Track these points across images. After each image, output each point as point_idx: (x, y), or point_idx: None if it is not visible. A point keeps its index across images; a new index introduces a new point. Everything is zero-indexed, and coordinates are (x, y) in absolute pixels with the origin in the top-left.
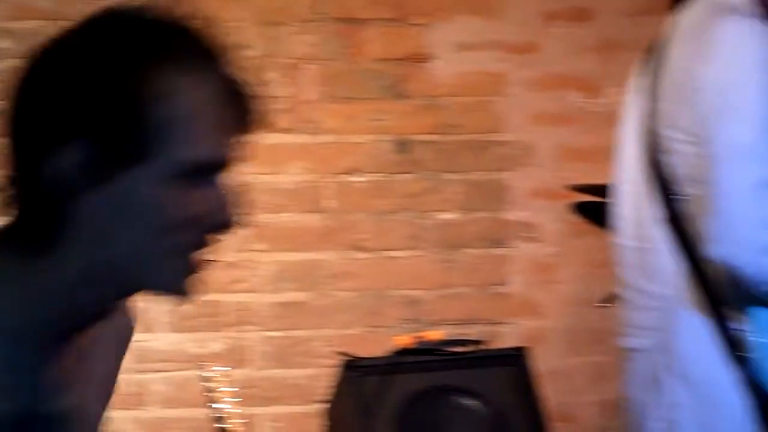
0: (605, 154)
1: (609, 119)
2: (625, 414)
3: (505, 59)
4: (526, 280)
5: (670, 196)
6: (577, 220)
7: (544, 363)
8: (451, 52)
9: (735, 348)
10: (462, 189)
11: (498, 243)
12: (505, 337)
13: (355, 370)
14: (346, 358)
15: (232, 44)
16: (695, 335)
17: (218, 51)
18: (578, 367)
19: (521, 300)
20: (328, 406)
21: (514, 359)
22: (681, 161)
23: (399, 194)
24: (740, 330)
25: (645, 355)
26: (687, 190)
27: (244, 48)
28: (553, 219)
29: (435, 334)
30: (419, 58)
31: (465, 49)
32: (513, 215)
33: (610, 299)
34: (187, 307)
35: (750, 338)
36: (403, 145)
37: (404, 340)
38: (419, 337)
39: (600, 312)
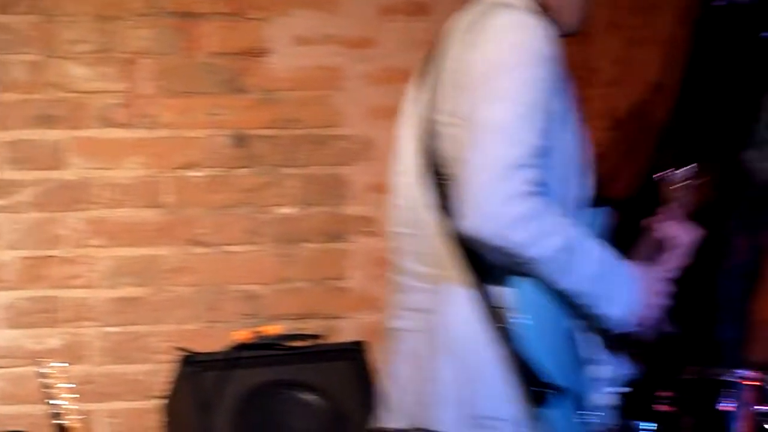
0: None
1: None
2: (390, 390)
3: (343, 53)
4: (364, 275)
5: (441, 182)
6: None
7: (379, 356)
8: (289, 47)
9: (499, 324)
10: (300, 183)
11: (336, 238)
12: (344, 332)
13: (193, 365)
14: (184, 353)
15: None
16: (461, 313)
17: None
18: None
19: (359, 294)
20: (166, 401)
21: (352, 353)
22: (450, 144)
23: (237, 189)
24: (503, 307)
25: (413, 334)
26: (453, 171)
27: (80, 42)
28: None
29: (273, 329)
30: (256, 53)
31: (302, 43)
32: (351, 210)
33: None
34: (24, 303)
35: (512, 315)
36: (240, 140)
37: (243, 335)
38: (258, 332)
39: None
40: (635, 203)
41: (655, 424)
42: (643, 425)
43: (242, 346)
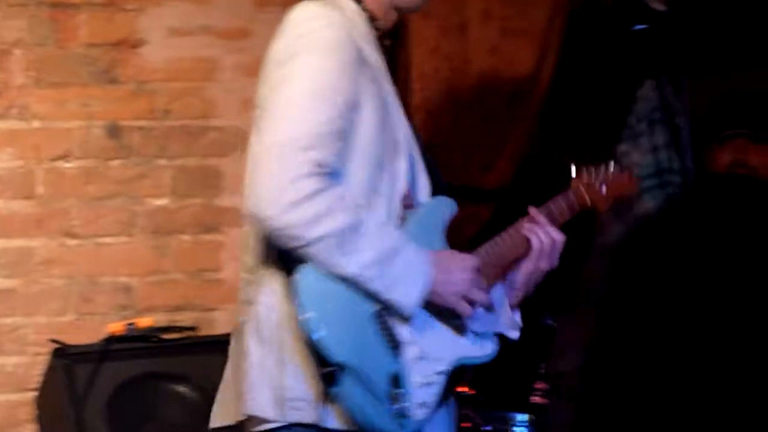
0: None
1: None
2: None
3: (217, 45)
4: (238, 265)
5: None
6: None
7: None
8: (163, 38)
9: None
10: (174, 175)
11: (211, 229)
12: (218, 324)
13: (66, 357)
14: (57, 345)
15: None
16: (269, 302)
17: None
18: None
19: (234, 286)
20: (39, 394)
21: (226, 346)
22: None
23: (111, 180)
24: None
25: (243, 326)
26: None
27: None
28: None
29: (146, 321)
30: (131, 44)
31: (177, 35)
32: (226, 201)
33: None
34: None
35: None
36: (114, 131)
37: (116, 327)
38: (131, 324)
39: None
40: (509, 193)
41: (529, 415)
42: (518, 416)
43: (115, 339)
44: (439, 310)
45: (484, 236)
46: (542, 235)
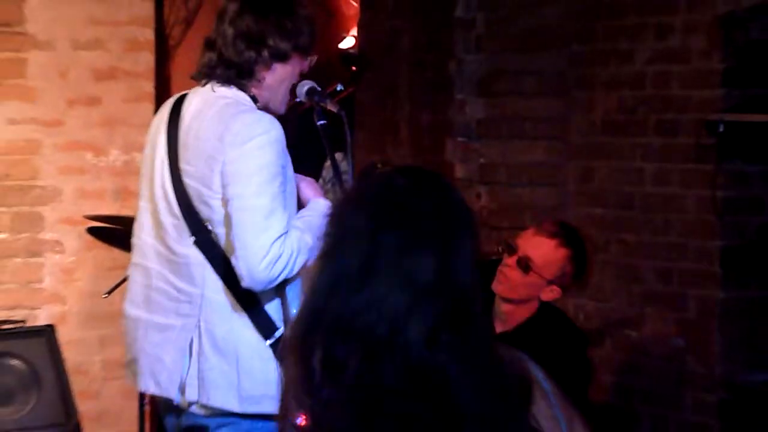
0: (109, 195)
1: (112, 171)
2: (160, 373)
3: (40, 131)
4: (55, 279)
5: (200, 227)
6: (90, 237)
7: (64, 335)
8: (3, 125)
9: (263, 327)
10: (12, 217)
11: (37, 254)
12: (40, 319)
13: None
14: None
15: None
16: (221, 314)
17: None
18: (92, 337)
19: (52, 293)
20: None
21: (46, 332)
22: (212, 209)
23: None
24: (268, 319)
25: (176, 330)
26: (217, 228)
27: None
28: (74, 237)
29: None
30: None
31: (13, 123)
32: (47, 236)
33: (112, 291)
34: None
35: (277, 318)
36: None
37: None
38: None
39: (106, 300)
40: None
41: None
42: None
43: None
44: None
45: None
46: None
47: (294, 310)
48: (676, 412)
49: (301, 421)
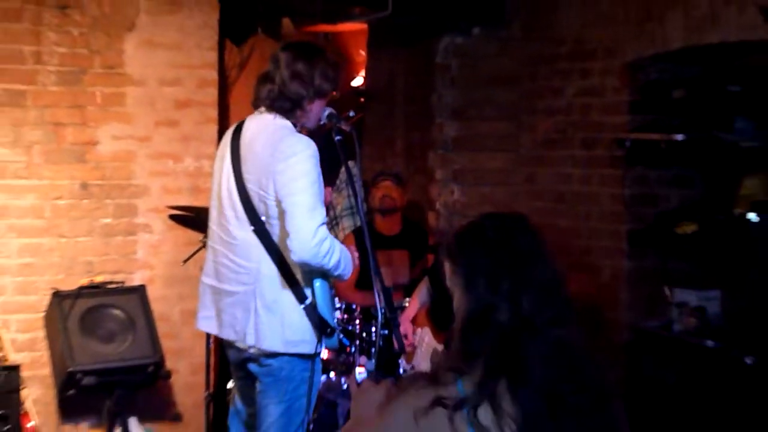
0: (184, 191)
1: (186, 173)
2: (235, 325)
3: (135, 144)
4: (145, 252)
5: (257, 219)
6: (171, 222)
7: (152, 292)
8: (108, 141)
9: (299, 295)
10: (114, 208)
11: (132, 234)
12: (135, 280)
13: (59, 296)
14: (55, 290)
15: None
16: (271, 284)
17: None
18: (172, 294)
19: (143, 262)
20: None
21: (139, 290)
22: (267, 206)
23: None
24: (302, 287)
25: (241, 294)
26: (271, 219)
27: None
28: (159, 222)
29: (95, 280)
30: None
31: (115, 139)
32: (140, 221)
33: (187, 260)
34: None
35: (307, 291)
36: None
37: (84, 281)
38: (90, 281)
39: (183, 266)
40: None
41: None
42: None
43: (84, 287)
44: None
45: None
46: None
47: (316, 289)
48: (596, 345)
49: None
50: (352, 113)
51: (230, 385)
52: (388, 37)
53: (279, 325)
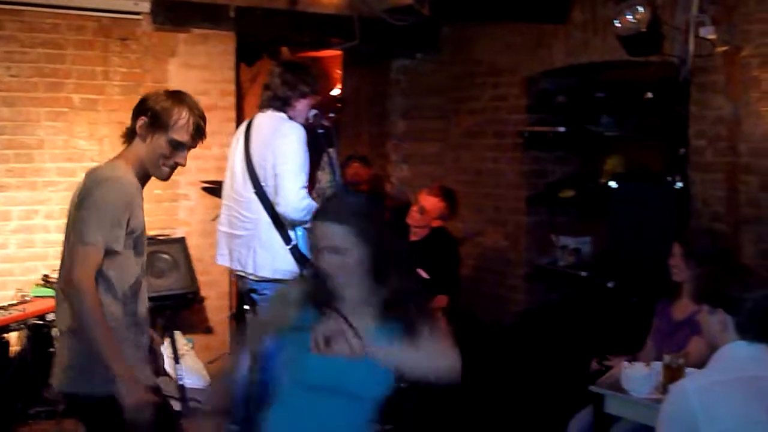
0: (211, 170)
1: (214, 157)
2: (240, 260)
3: None
4: (185, 213)
5: (258, 184)
6: (203, 192)
7: (190, 242)
8: None
9: (286, 238)
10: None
11: (175, 201)
12: (178, 233)
13: None
14: None
15: None
16: (266, 229)
17: None
18: (205, 242)
19: (184, 220)
20: None
21: (181, 240)
22: (266, 173)
23: None
24: (285, 231)
25: (245, 237)
26: (269, 182)
27: None
28: (195, 192)
29: (150, 234)
30: None
31: None
32: (181, 191)
33: (215, 218)
34: None
35: (292, 235)
36: None
37: None
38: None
39: (212, 223)
40: None
41: None
42: None
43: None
44: None
45: None
46: None
47: (299, 235)
48: (504, 278)
49: None
50: (331, 114)
51: (246, 307)
52: (356, 60)
53: (271, 258)
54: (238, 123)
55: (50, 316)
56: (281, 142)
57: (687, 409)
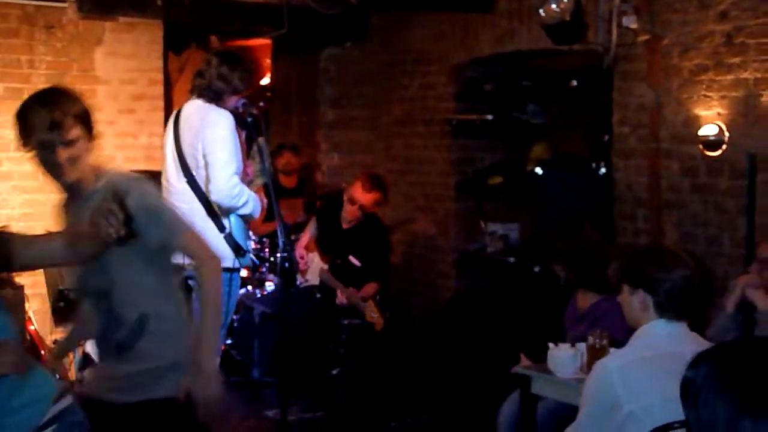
0: (140, 159)
1: (142, 147)
2: None
3: (104, 127)
4: None
5: (189, 173)
6: None
7: None
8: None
9: (219, 226)
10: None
11: None
12: None
13: None
14: None
15: None
16: (199, 217)
17: None
18: None
19: None
20: None
21: None
22: (197, 162)
23: None
24: (219, 219)
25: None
26: (200, 171)
27: None
28: None
29: None
30: None
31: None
32: None
33: None
34: None
35: (225, 223)
36: None
37: None
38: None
39: None
40: None
41: None
42: None
43: None
44: None
45: None
46: None
47: (232, 223)
48: (434, 265)
49: None
50: (261, 103)
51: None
52: (286, 48)
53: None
54: (167, 112)
55: None
56: (210, 131)
57: (608, 386)
